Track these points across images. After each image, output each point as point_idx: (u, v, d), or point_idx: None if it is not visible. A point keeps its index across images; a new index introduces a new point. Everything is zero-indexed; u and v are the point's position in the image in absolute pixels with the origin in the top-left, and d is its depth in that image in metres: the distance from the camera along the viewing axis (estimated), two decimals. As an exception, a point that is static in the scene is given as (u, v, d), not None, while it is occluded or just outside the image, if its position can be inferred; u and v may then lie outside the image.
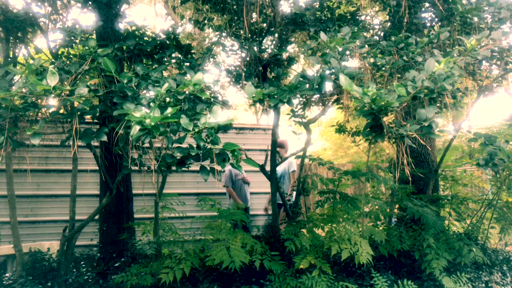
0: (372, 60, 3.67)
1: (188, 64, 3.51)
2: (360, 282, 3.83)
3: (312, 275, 3.48)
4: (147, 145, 2.65)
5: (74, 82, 2.78)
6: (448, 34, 3.30)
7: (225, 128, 2.83)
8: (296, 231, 3.77)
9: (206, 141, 2.58)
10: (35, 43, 4.26)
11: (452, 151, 5.24)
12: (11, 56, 3.65)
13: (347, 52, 3.21)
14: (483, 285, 4.11)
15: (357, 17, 4.54)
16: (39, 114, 2.99)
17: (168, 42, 3.65)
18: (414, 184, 4.85)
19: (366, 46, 3.46)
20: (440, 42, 3.36)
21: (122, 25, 3.92)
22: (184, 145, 2.67)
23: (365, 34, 3.84)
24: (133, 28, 3.76)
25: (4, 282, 3.66)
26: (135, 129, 2.18)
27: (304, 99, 4.33)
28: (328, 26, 3.79)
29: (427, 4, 4.26)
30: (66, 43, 3.35)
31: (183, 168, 2.80)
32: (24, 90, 2.49)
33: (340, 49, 3.04)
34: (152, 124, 2.17)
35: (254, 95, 2.74)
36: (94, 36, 3.68)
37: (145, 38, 3.59)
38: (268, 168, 4.29)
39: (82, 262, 4.39)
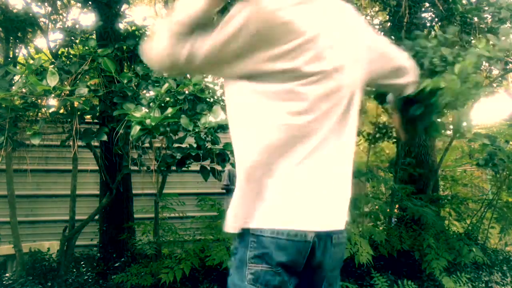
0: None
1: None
2: (360, 282, 3.82)
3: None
4: (147, 145, 2.65)
5: (74, 82, 2.78)
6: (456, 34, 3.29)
7: (224, 127, 2.83)
8: (296, 231, 3.76)
9: (206, 140, 2.58)
10: (35, 43, 4.26)
11: (452, 151, 5.23)
12: (11, 56, 3.64)
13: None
14: (483, 285, 4.11)
15: (357, 17, 4.52)
16: (39, 114, 2.99)
17: (168, 42, 3.64)
18: (414, 184, 4.85)
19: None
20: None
21: (122, 25, 3.91)
22: (184, 145, 2.67)
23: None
24: (133, 28, 3.76)
25: (4, 282, 3.66)
26: (135, 129, 2.18)
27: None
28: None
29: (427, 4, 4.26)
30: (66, 43, 3.35)
31: (183, 168, 2.80)
32: (24, 90, 2.50)
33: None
34: (152, 124, 2.17)
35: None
36: (94, 36, 3.68)
37: (145, 38, 3.59)
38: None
39: (82, 262, 4.39)
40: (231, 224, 1.03)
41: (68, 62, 3.20)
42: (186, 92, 2.68)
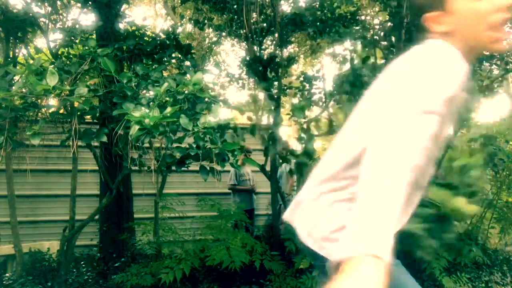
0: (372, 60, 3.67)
1: (188, 64, 3.52)
2: (360, 282, 3.81)
3: (312, 275, 3.48)
4: (147, 145, 2.65)
5: (74, 82, 2.78)
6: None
7: (225, 128, 2.83)
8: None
9: (205, 140, 2.58)
10: (35, 43, 4.26)
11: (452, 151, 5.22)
12: (11, 56, 3.64)
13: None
14: (483, 285, 4.11)
15: (357, 17, 4.53)
16: (39, 114, 2.99)
17: (168, 42, 3.65)
18: (414, 184, 4.83)
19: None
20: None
21: (122, 25, 3.92)
22: (184, 145, 2.67)
23: (365, 34, 3.84)
24: (133, 28, 3.76)
25: (4, 282, 3.66)
26: (134, 129, 2.18)
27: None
28: (328, 26, 3.80)
29: (427, 4, 4.25)
30: (66, 43, 3.35)
31: (183, 168, 2.80)
32: (24, 90, 2.50)
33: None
34: (151, 123, 2.17)
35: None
36: (94, 36, 3.68)
37: (145, 38, 3.59)
38: (268, 168, 4.29)
39: (82, 262, 4.38)
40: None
41: (68, 62, 3.20)
42: (186, 92, 2.68)
